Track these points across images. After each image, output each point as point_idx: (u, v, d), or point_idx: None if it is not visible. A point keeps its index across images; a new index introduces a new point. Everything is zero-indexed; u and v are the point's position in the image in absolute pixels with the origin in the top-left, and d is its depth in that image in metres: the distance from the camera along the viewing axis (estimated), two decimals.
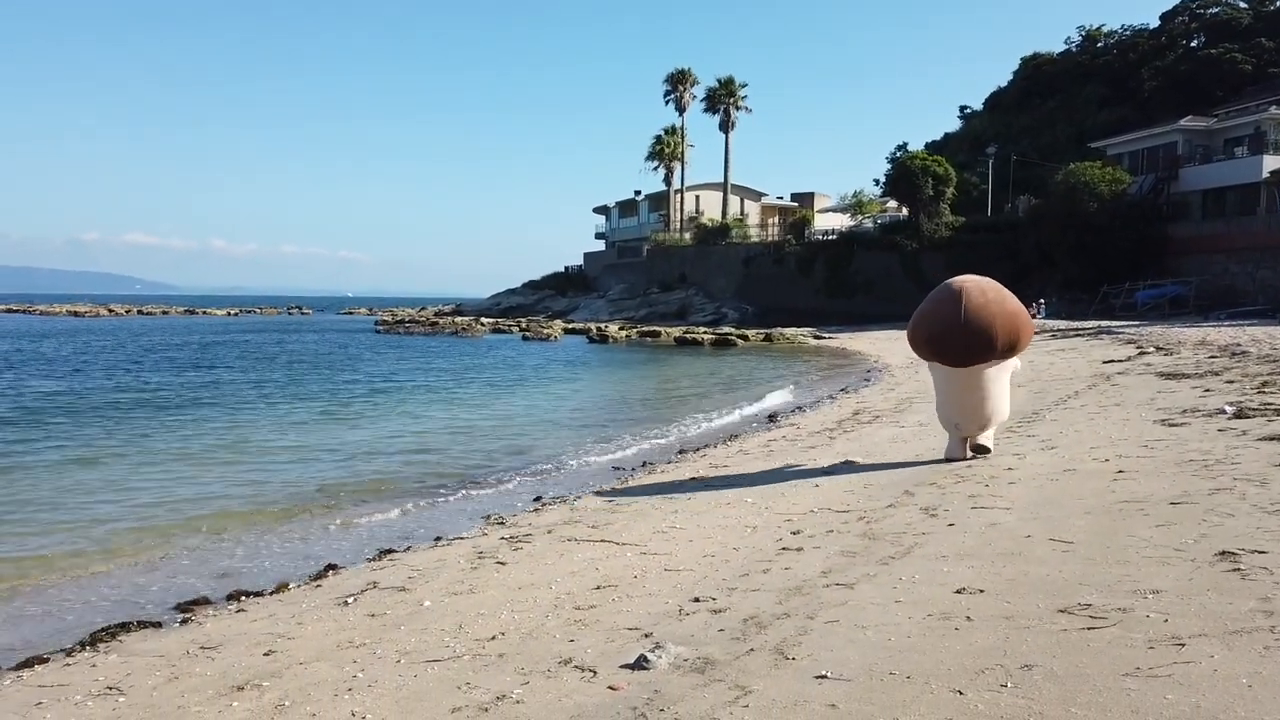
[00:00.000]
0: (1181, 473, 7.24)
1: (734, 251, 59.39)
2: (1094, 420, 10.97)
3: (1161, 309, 36.59)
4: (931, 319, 8.73)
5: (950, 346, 8.63)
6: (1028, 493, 7.17)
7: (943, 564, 5.35)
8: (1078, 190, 40.73)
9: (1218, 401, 11.06)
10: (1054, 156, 50.77)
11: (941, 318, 8.59)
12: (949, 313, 8.53)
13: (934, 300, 8.88)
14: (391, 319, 69.79)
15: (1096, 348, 23.46)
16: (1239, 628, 3.86)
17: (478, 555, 7.02)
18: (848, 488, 8.34)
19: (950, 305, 8.56)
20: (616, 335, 47.41)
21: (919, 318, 8.97)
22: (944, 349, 8.71)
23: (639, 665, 4.10)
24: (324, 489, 10.90)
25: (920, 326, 8.91)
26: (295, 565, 7.72)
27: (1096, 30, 69.81)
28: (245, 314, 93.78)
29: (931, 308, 8.82)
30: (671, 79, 67.51)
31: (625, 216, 78.67)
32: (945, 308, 8.61)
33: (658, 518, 7.91)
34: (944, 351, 8.74)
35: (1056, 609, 4.33)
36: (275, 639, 5.27)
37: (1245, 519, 5.62)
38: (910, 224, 50.45)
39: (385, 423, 17.01)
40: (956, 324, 8.44)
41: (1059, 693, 3.40)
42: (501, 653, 4.57)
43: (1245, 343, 19.74)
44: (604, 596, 5.48)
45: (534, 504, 9.72)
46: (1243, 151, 40.29)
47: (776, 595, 5.08)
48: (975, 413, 8.81)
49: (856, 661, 3.91)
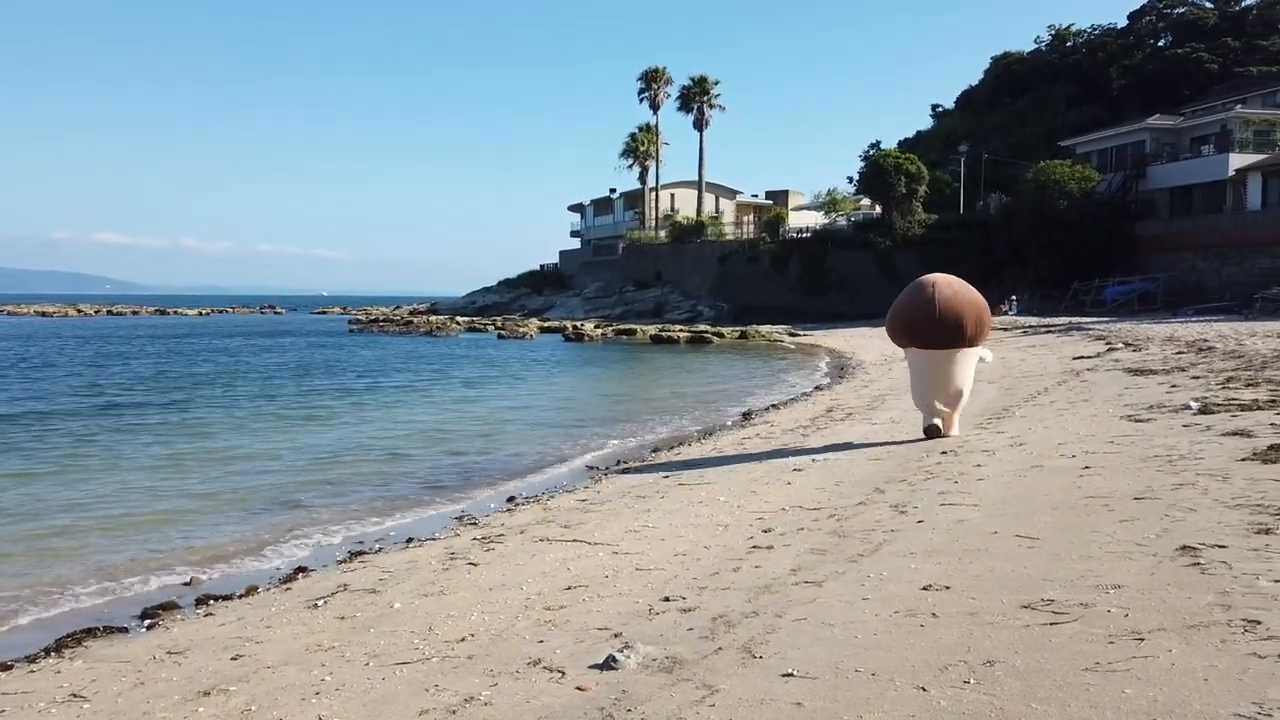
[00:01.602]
0: (1146, 468, 7.34)
1: (709, 249, 59.49)
2: (1063, 416, 11.10)
3: (1131, 305, 37.04)
4: (909, 309, 9.99)
5: (927, 332, 9.89)
6: (996, 489, 7.25)
7: (910, 561, 5.40)
8: (1048, 188, 41.13)
9: (1183, 397, 11.22)
10: (1025, 155, 51.23)
11: (919, 308, 9.86)
12: (925, 303, 9.80)
13: (910, 294, 10.11)
14: (365, 318, 69.31)
15: (1067, 344, 23.72)
16: (1197, 622, 3.92)
17: (449, 556, 7.00)
18: (819, 485, 8.40)
19: (925, 297, 9.83)
20: (592, 334, 47.35)
21: (897, 309, 10.22)
22: (922, 335, 9.96)
23: (607, 665, 4.11)
24: (295, 491, 10.82)
25: (899, 316, 10.16)
26: (265, 568, 7.66)
27: (1066, 30, 70.47)
28: (218, 314, 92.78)
29: (909, 300, 10.05)
30: (645, 77, 67.44)
31: (600, 214, 78.55)
32: (921, 300, 9.87)
33: (630, 517, 7.92)
34: (922, 337, 9.98)
35: (1020, 605, 4.39)
36: (243, 643, 5.23)
37: (1206, 513, 5.72)
38: (884, 222, 50.74)
39: (357, 424, 16.91)
40: (932, 313, 9.74)
41: (1020, 688, 3.44)
42: (471, 654, 4.56)
43: (1212, 339, 20.04)
44: (575, 597, 5.49)
45: (507, 504, 9.71)
46: (1209, 150, 40.84)
47: (746, 594, 5.11)
48: (945, 392, 10.11)
49: (823, 659, 3.94)
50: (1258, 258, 35.98)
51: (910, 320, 10.00)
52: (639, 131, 67.62)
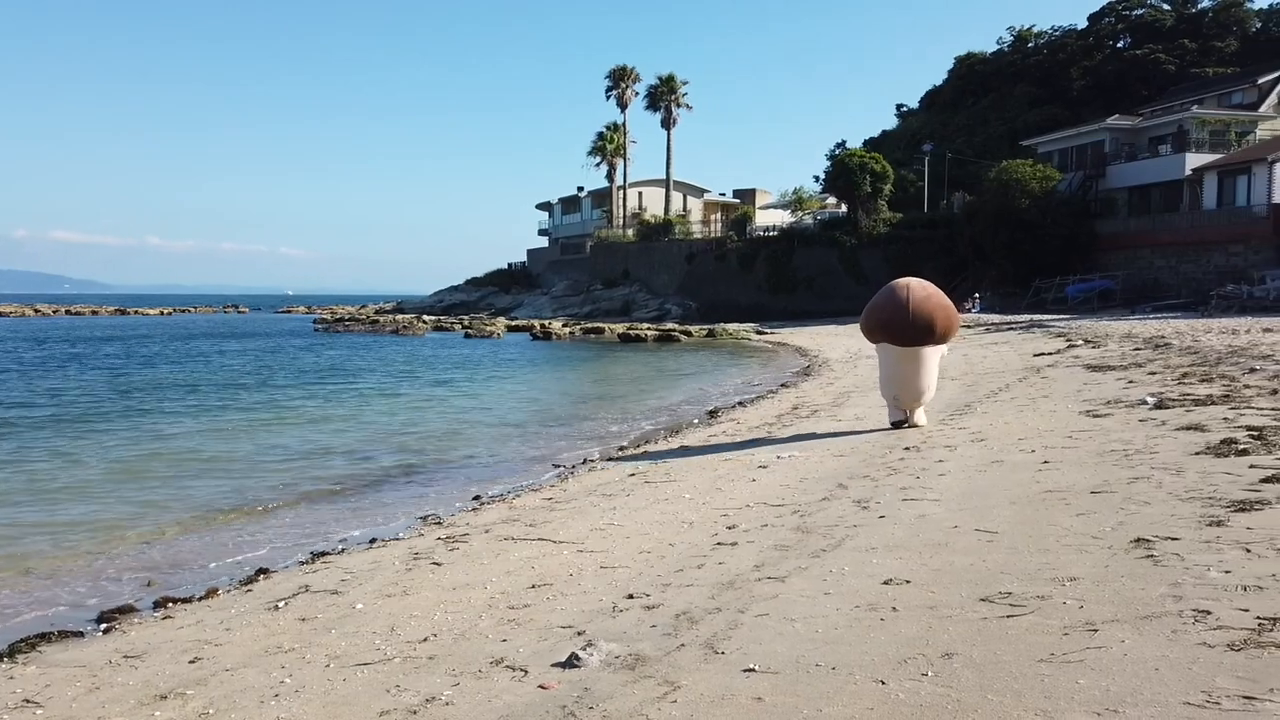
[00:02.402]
0: (1103, 463, 7.46)
1: (677, 248, 59.60)
2: (1023, 412, 11.25)
3: (1091, 303, 37.64)
4: (885, 309, 10.82)
5: (901, 330, 10.69)
6: (957, 484, 7.34)
7: (872, 556, 5.45)
8: (1010, 187, 41.67)
9: (1140, 393, 11.42)
10: (988, 154, 51.87)
11: (894, 308, 10.70)
12: (899, 304, 10.65)
13: (885, 295, 10.95)
14: (330, 317, 68.69)
15: (1028, 341, 24.06)
16: (1150, 612, 4.00)
17: (413, 556, 6.96)
18: (784, 482, 8.45)
19: (901, 299, 10.67)
20: (560, 332, 47.28)
21: (872, 308, 11.05)
22: (895, 332, 10.74)
23: (570, 663, 4.11)
24: (257, 493, 10.70)
25: (874, 315, 10.98)
26: (226, 570, 7.56)
27: (1027, 31, 71.46)
28: (180, 313, 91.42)
29: (884, 300, 10.89)
30: (613, 75, 67.40)
31: (568, 213, 78.41)
32: (896, 301, 10.70)
33: (596, 515, 7.92)
34: (895, 334, 10.74)
35: (979, 598, 4.44)
36: (202, 645, 5.16)
37: (1160, 506, 5.82)
38: (849, 220, 51.14)
39: (320, 424, 16.75)
40: (906, 313, 10.58)
41: (977, 680, 3.49)
42: (433, 654, 4.54)
43: (1169, 335, 20.42)
44: (539, 595, 5.48)
45: (472, 503, 9.66)
46: (1166, 150, 41.60)
47: (709, 590, 5.13)
48: (913, 386, 10.88)
49: (784, 654, 3.96)
50: (1213, 256, 36.73)
51: (886, 319, 10.80)
52: (607, 130, 67.59)
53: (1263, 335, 17.97)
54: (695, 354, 34.91)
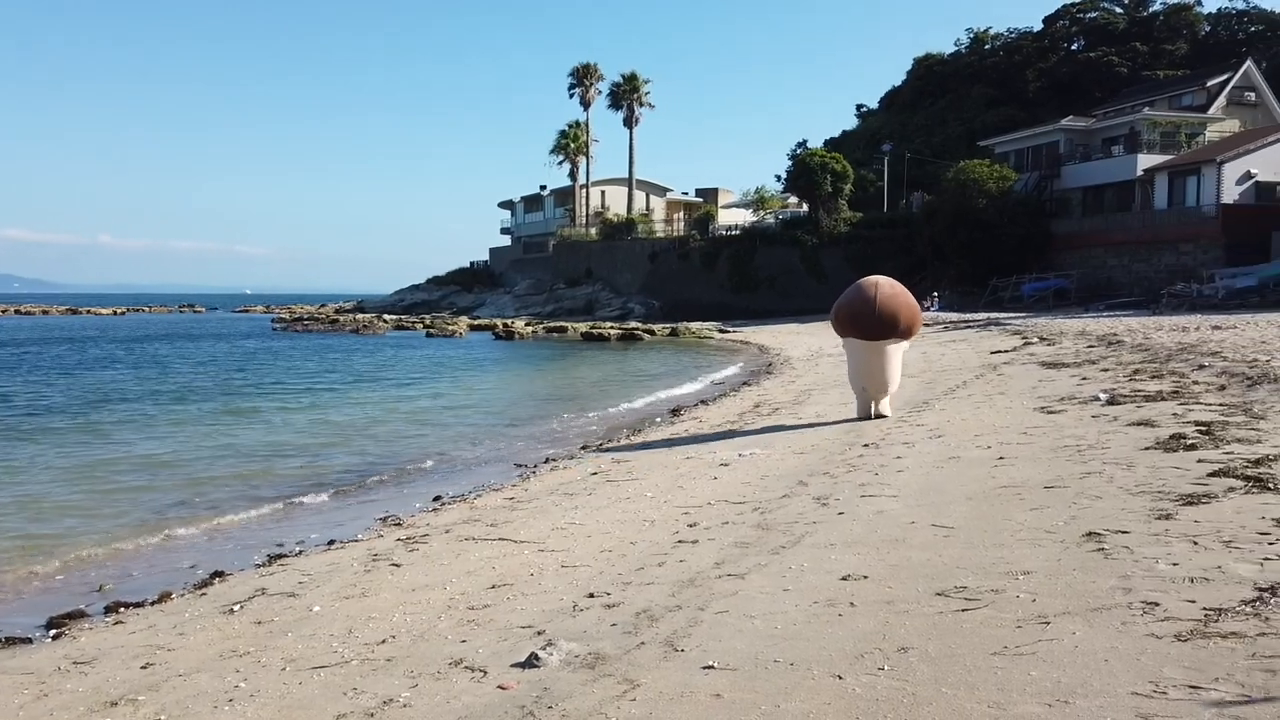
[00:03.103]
0: (1057, 458, 7.59)
1: (640, 247, 59.63)
2: (980, 409, 11.41)
3: (1046, 301, 38.24)
4: (853, 305, 11.40)
5: (868, 325, 11.26)
6: (915, 480, 7.42)
7: (831, 552, 5.50)
8: (968, 187, 42.22)
9: (1093, 389, 11.63)
10: (946, 154, 52.52)
11: (862, 304, 11.29)
12: (867, 301, 11.24)
13: (854, 291, 11.53)
14: (289, 316, 67.83)
15: (985, 339, 24.39)
16: (1100, 605, 4.07)
17: (372, 558, 6.90)
18: (745, 479, 8.49)
19: (868, 296, 11.26)
20: (523, 331, 47.11)
21: (842, 305, 11.62)
22: (863, 327, 11.31)
23: (530, 663, 4.10)
24: (211, 495, 10.54)
25: (844, 310, 11.55)
26: (180, 574, 7.43)
27: (984, 33, 72.44)
28: (134, 312, 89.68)
29: (853, 297, 11.46)
30: (576, 73, 67.25)
31: (531, 212, 78.12)
32: (864, 297, 11.29)
33: (557, 514, 7.91)
34: (863, 329, 11.31)
35: (934, 592, 4.50)
36: (154, 651, 5.07)
37: (1111, 501, 5.94)
38: (811, 220, 51.51)
39: (277, 425, 16.53)
40: (873, 309, 11.18)
41: (932, 673, 3.53)
42: (391, 656, 4.50)
43: (1121, 333, 20.80)
44: (499, 595, 5.45)
45: (433, 503, 9.59)
46: (1119, 150, 42.39)
47: (670, 588, 5.14)
48: (879, 378, 11.50)
49: (743, 651, 3.98)
50: (1163, 255, 37.50)
51: (855, 314, 11.40)
52: (569, 128, 67.44)
53: (1211, 333, 18.38)
54: (658, 352, 34.96)
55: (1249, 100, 46.13)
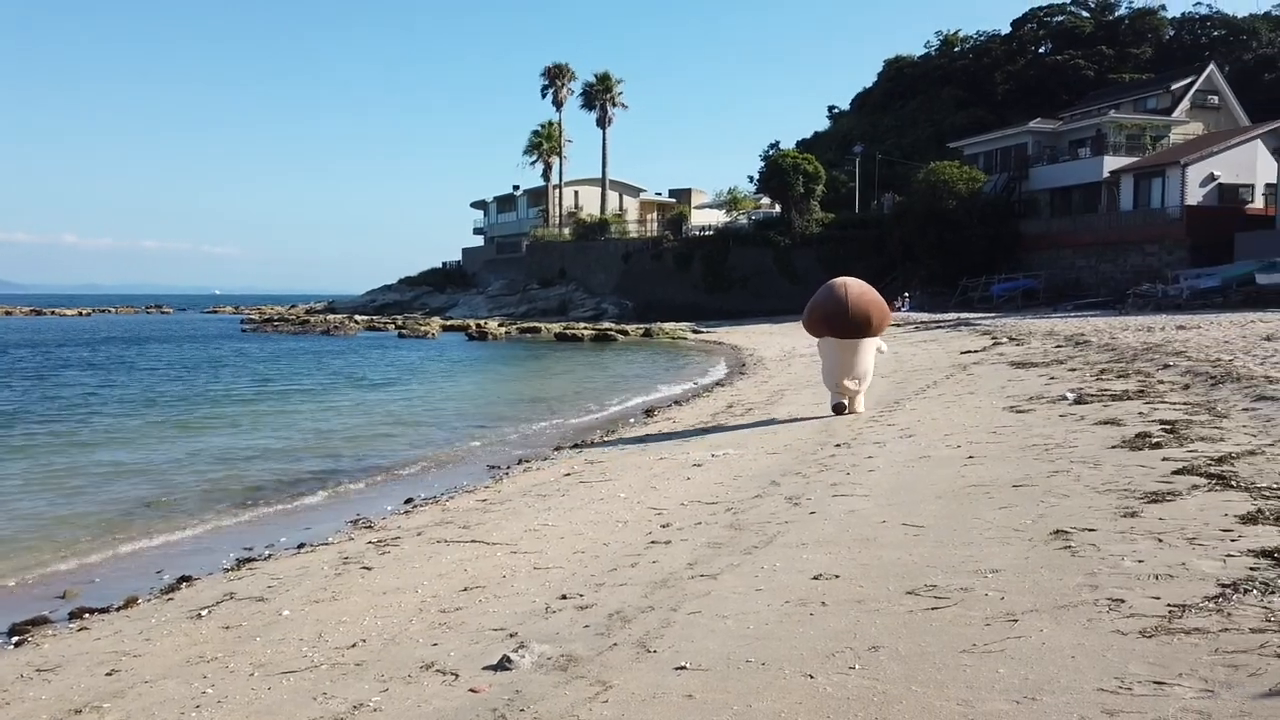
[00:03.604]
0: (1025, 457, 7.68)
1: (613, 247, 59.61)
2: (950, 408, 11.51)
3: (1015, 301, 38.67)
4: (826, 305, 11.83)
5: (840, 324, 11.69)
6: (885, 479, 7.47)
7: (803, 551, 5.52)
8: (938, 188, 42.60)
9: (1061, 388, 11.77)
10: (916, 156, 52.95)
11: (834, 303, 11.73)
12: (839, 300, 11.69)
13: (826, 292, 11.98)
14: (259, 317, 67.14)
15: (955, 339, 24.62)
16: (1067, 602, 4.12)
17: (342, 561, 6.84)
18: (718, 480, 8.51)
19: (840, 295, 11.73)
20: (496, 332, 46.93)
21: (815, 305, 12.03)
22: (836, 326, 11.74)
23: (502, 666, 4.08)
24: (180, 499, 10.41)
25: (816, 310, 11.97)
26: (147, 579, 7.34)
27: (954, 35, 73.16)
28: (100, 313, 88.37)
29: (825, 297, 11.89)
30: (549, 73, 67.08)
31: (504, 212, 77.83)
32: (836, 298, 11.74)
33: (530, 516, 7.88)
34: (835, 327, 11.74)
35: (905, 591, 4.53)
36: (120, 657, 5.00)
37: (1078, 499, 6.01)
38: (783, 220, 51.75)
39: (246, 428, 16.35)
40: (845, 308, 11.63)
41: (902, 672, 3.56)
42: (362, 660, 4.46)
43: (1088, 333, 21.06)
44: (471, 598, 5.42)
45: (405, 505, 9.54)
46: (1086, 153, 42.96)
47: (643, 589, 5.13)
48: (852, 373, 11.92)
49: (715, 651, 3.99)
50: (1129, 255, 38.04)
51: (827, 314, 11.81)
52: (542, 128, 67.24)
53: (1176, 333, 18.67)
54: (632, 353, 34.97)
55: (1212, 103, 46.93)
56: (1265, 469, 6.23)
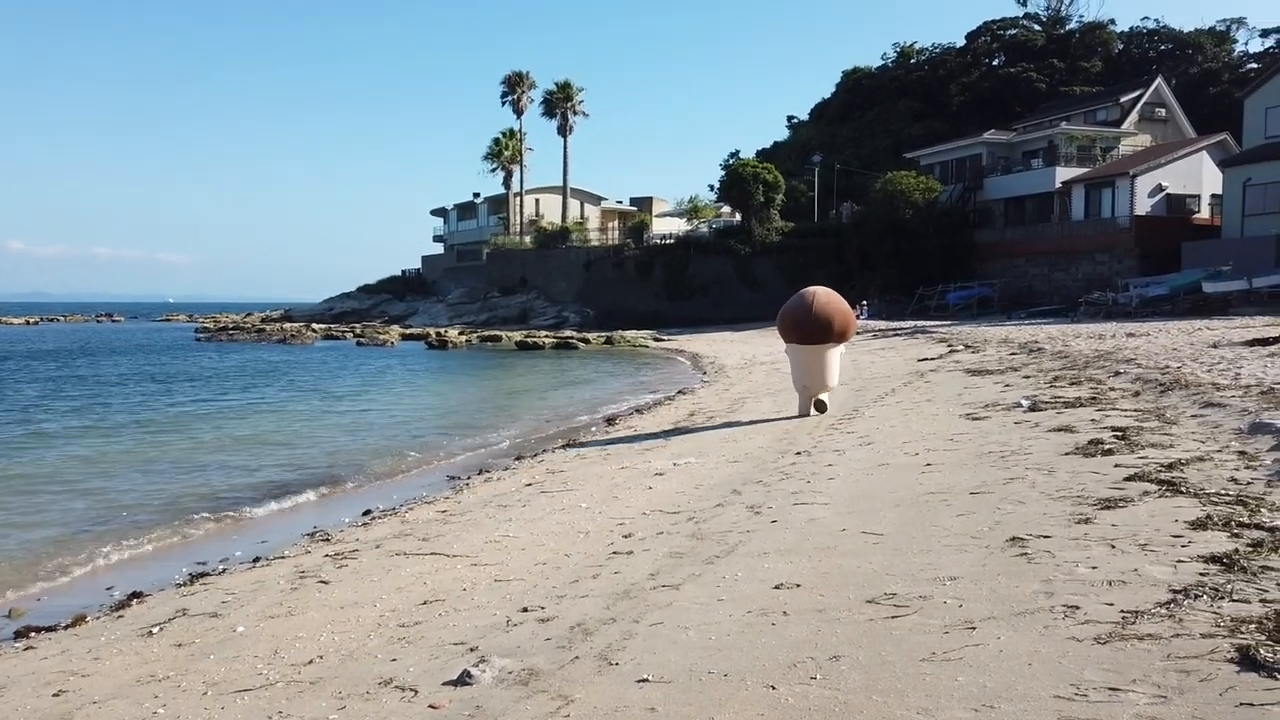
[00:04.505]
0: (981, 464, 7.78)
1: (575, 255, 59.59)
2: (908, 416, 11.64)
3: (971, 309, 39.29)
4: (795, 313, 12.59)
5: (809, 330, 12.45)
6: (845, 487, 7.52)
7: (764, 561, 5.53)
8: (895, 198, 43.20)
9: (1016, 396, 11.95)
10: (874, 165, 53.63)
11: (802, 311, 12.49)
12: (806, 308, 12.46)
13: (796, 301, 12.75)
14: (214, 326, 66.09)
15: (912, 346, 24.93)
16: (1023, 609, 4.17)
17: (299, 575, 6.73)
18: (679, 489, 8.51)
19: (808, 304, 12.50)
20: (456, 340, 46.63)
21: (785, 313, 12.77)
22: (804, 332, 12.48)
23: (462, 681, 4.03)
24: (131, 513, 10.18)
25: (787, 318, 12.75)
26: (97, 596, 7.16)
27: (910, 47, 74.29)
28: (47, 322, 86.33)
29: (795, 305, 12.67)
30: (509, 81, 66.99)
31: (464, 219, 77.45)
32: (804, 306, 12.51)
33: (491, 527, 7.82)
34: (804, 334, 12.49)
35: (865, 599, 4.56)
36: (67, 677, 4.87)
37: (1034, 505, 6.09)
38: (743, 229, 52.11)
39: (200, 439, 16.05)
40: (811, 316, 12.39)
41: (863, 681, 3.57)
42: (318, 677, 4.39)
43: (1042, 340, 21.44)
44: (431, 612, 5.36)
45: (363, 518, 9.42)
46: (1039, 163, 43.82)
47: (605, 600, 5.11)
48: (819, 377, 12.72)
49: (678, 663, 3.98)
50: (1081, 264, 38.85)
51: (796, 321, 12.55)
52: (503, 136, 67.10)
53: (1126, 340, 19.06)
54: (594, 361, 34.92)
55: (1159, 116, 48.12)
56: (1213, 475, 6.37)
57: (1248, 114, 35.40)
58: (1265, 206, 32.72)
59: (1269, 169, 32.96)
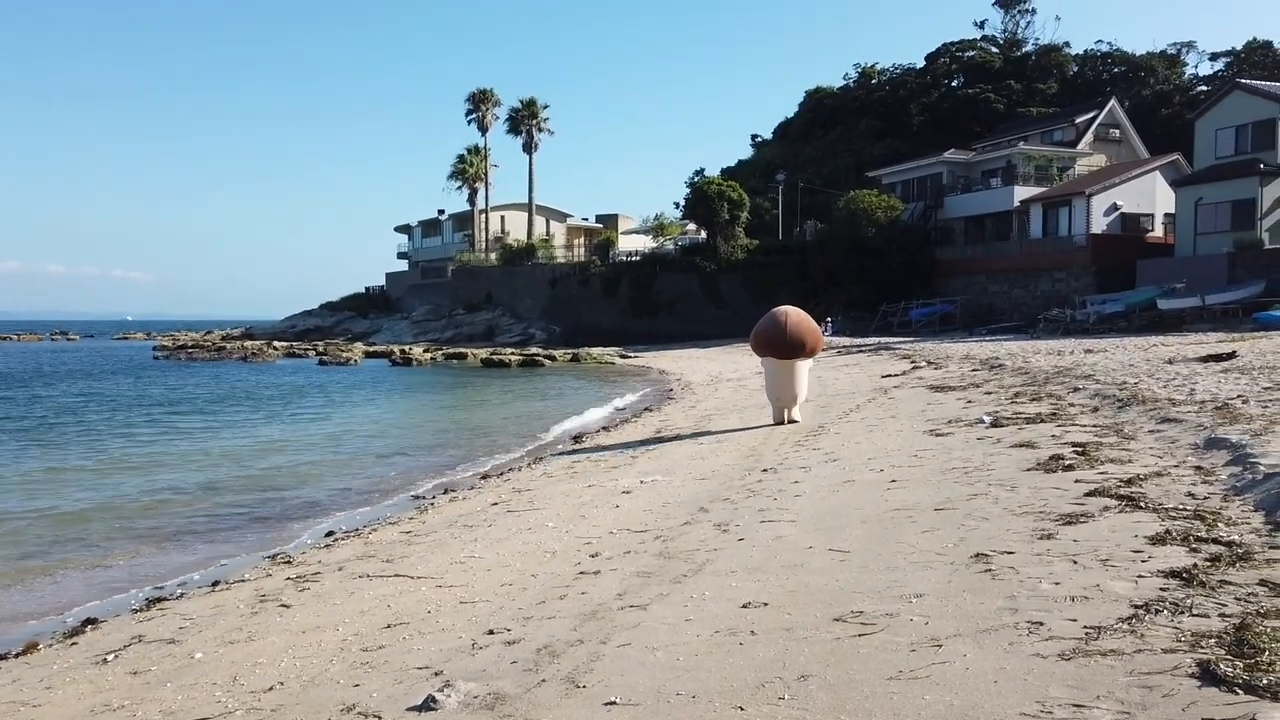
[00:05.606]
0: (945, 480, 7.84)
1: (540, 272, 59.55)
2: (873, 432, 11.72)
3: (933, 325, 39.76)
4: (769, 331, 13.63)
5: (780, 347, 13.46)
6: (811, 505, 7.54)
7: (732, 579, 5.52)
8: (858, 216, 43.70)
9: (978, 412, 12.09)
10: (836, 184, 54.26)
11: (775, 329, 13.54)
12: (779, 326, 13.52)
13: (769, 319, 13.77)
14: (172, 344, 65.06)
15: (876, 363, 25.14)
16: (989, 626, 4.20)
17: (259, 599, 6.61)
18: (647, 507, 8.48)
19: (780, 322, 13.57)
20: (421, 358, 46.30)
21: (759, 330, 13.78)
22: (776, 348, 13.48)
23: (426, 706, 3.97)
24: (86, 537, 9.94)
25: (761, 336, 13.73)
26: (49, 623, 6.98)
27: (871, 68, 75.39)
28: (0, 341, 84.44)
29: (767, 323, 13.71)
30: (474, 98, 66.98)
31: (429, 236, 77.09)
32: (777, 324, 13.57)
33: (456, 547, 7.74)
34: (776, 350, 13.47)
35: (832, 618, 4.56)
36: (18, 708, 4.73)
37: (997, 522, 6.15)
38: (708, 246, 52.40)
39: (158, 460, 15.75)
40: (784, 333, 13.45)
41: (831, 700, 3.57)
42: (279, 705, 4.30)
43: (1003, 356, 21.74)
44: (395, 635, 5.28)
45: (325, 539, 9.28)
46: (997, 182, 44.57)
47: (572, 621, 5.07)
48: (790, 391, 13.76)
49: (645, 684, 3.95)
50: (1039, 281, 39.51)
51: (769, 337, 13.57)
52: (468, 153, 67.07)
53: (1085, 356, 19.38)
54: (560, 378, 34.82)
55: (1114, 136, 49.19)
56: (1171, 490, 6.48)
57: (1199, 135, 36.32)
58: (1216, 225, 33.54)
59: (1220, 189, 33.81)
